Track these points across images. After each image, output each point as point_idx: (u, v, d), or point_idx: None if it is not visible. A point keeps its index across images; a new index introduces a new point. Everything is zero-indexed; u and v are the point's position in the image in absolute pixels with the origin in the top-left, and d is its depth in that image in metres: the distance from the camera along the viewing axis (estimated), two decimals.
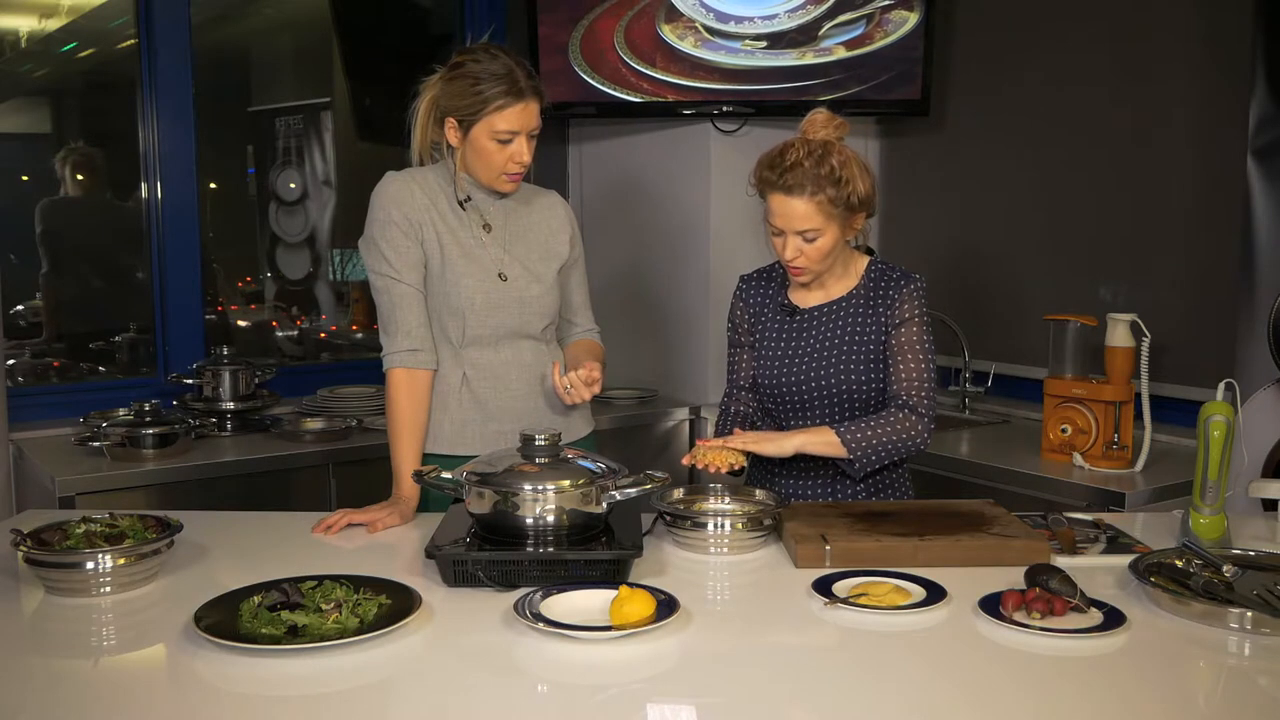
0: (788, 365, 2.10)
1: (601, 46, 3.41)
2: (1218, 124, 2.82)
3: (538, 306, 2.18)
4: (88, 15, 3.54)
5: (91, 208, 3.55)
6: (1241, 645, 1.47)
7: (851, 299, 2.10)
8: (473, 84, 2.04)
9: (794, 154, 1.97)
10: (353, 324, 4.02)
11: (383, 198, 2.13)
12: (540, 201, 2.27)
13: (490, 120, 2.04)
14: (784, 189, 1.97)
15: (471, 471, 1.76)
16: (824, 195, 1.96)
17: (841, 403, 2.08)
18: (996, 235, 3.39)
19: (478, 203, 2.18)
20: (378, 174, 2.20)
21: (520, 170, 2.10)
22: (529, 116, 2.06)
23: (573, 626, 1.46)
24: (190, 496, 2.72)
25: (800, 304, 2.14)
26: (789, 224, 1.99)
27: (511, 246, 2.18)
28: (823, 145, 1.98)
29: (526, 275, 2.17)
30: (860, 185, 1.99)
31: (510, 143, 2.06)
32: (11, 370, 3.25)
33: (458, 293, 2.12)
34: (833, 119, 2.02)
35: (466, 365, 2.17)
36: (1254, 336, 2.44)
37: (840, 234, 2.02)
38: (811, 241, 2.00)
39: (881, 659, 1.43)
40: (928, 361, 2.05)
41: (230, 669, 1.37)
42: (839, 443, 1.99)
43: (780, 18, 3.32)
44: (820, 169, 1.96)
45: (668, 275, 3.64)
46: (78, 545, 1.65)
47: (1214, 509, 1.85)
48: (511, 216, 2.21)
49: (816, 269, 2.05)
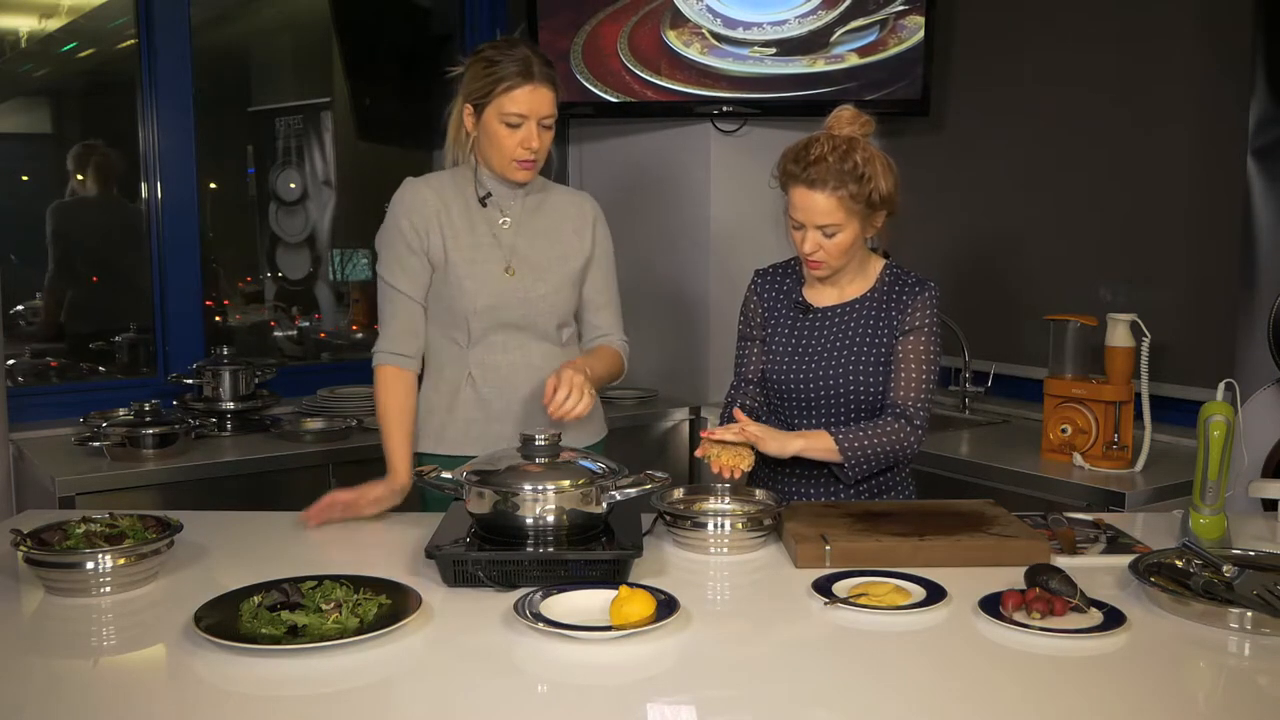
0: (798, 363, 2.10)
1: (605, 53, 3.35)
2: (1218, 124, 2.82)
3: (545, 305, 2.18)
4: (88, 15, 3.54)
5: (100, 208, 3.54)
6: (1241, 645, 1.47)
7: (866, 301, 2.11)
8: (486, 66, 2.07)
9: (819, 148, 1.98)
10: (353, 324, 4.02)
11: (396, 205, 2.17)
12: (566, 200, 2.27)
13: (500, 102, 2.06)
14: (807, 182, 1.98)
15: (471, 471, 1.76)
16: (846, 191, 1.97)
17: (849, 403, 2.08)
18: (997, 235, 3.39)
19: (498, 199, 2.19)
20: (378, 174, 2.22)
21: (530, 157, 2.10)
22: (539, 100, 2.06)
23: (573, 626, 1.46)
24: (190, 496, 2.72)
25: (815, 302, 2.14)
26: (810, 218, 2.00)
27: (525, 244, 2.18)
28: (847, 141, 1.99)
29: (534, 274, 2.17)
30: (883, 183, 2.00)
31: (519, 127, 2.07)
32: (11, 370, 3.25)
33: (462, 294, 2.13)
34: (859, 116, 2.04)
35: (473, 365, 2.17)
36: (1254, 336, 2.44)
37: (860, 231, 2.03)
38: (831, 237, 2.01)
39: (881, 659, 1.43)
40: (929, 372, 2.06)
41: (230, 669, 1.37)
42: (835, 448, 2.00)
43: (790, 23, 3.25)
44: (844, 164, 1.97)
45: (668, 275, 3.64)
46: (78, 545, 1.65)
47: (1214, 509, 1.85)
48: (531, 214, 2.21)
49: (835, 264, 2.05)
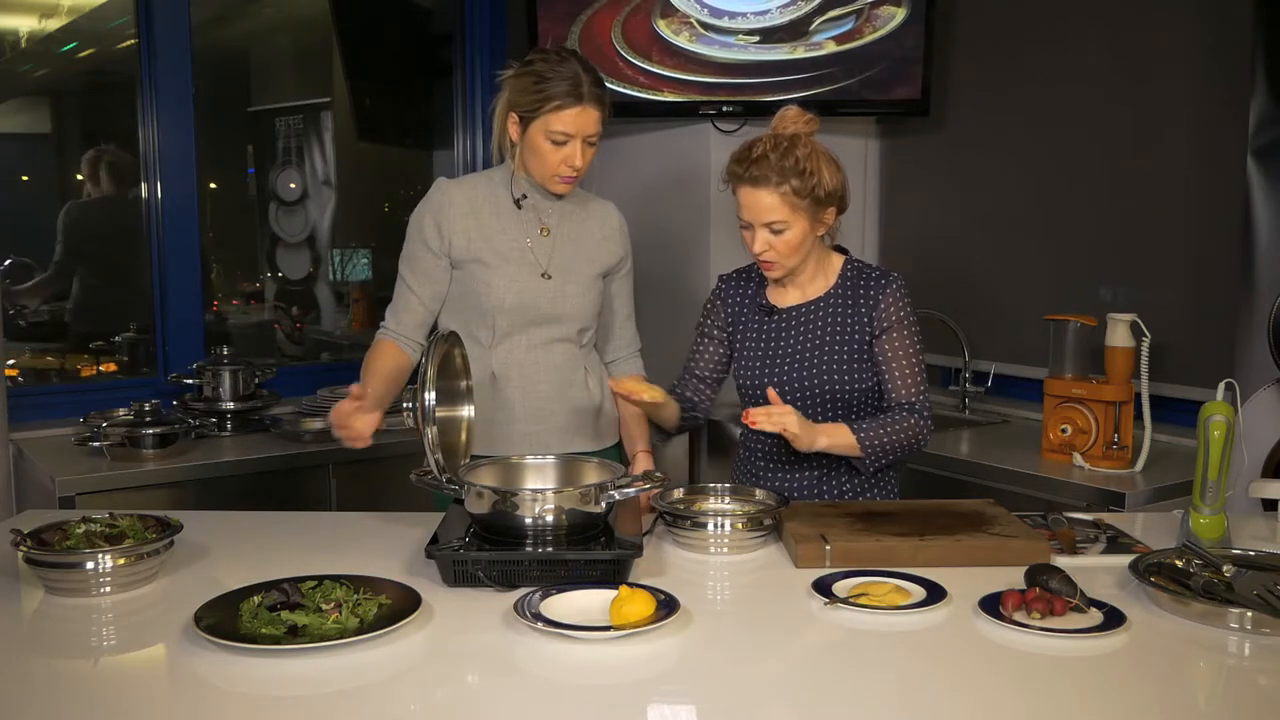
0: (768, 366, 2.11)
1: (599, 42, 3.44)
2: (1218, 124, 2.82)
3: (572, 306, 2.19)
4: (88, 15, 3.55)
5: (112, 209, 3.54)
6: (1241, 645, 1.47)
7: (830, 299, 2.11)
8: (535, 81, 2.07)
9: (760, 147, 1.99)
10: (353, 324, 4.02)
11: (424, 205, 2.19)
12: (595, 207, 2.29)
13: (547, 119, 2.06)
14: (750, 181, 1.99)
15: (471, 471, 1.76)
16: (789, 186, 1.97)
17: (823, 402, 2.08)
18: (997, 235, 3.39)
19: (534, 202, 2.20)
20: (378, 174, 2.23)
21: (573, 174, 2.12)
22: (586, 121, 2.07)
23: (573, 626, 1.46)
24: (190, 496, 2.72)
25: (778, 303, 2.14)
26: (756, 216, 2.00)
27: (560, 248, 2.20)
28: (789, 139, 2.00)
29: (564, 276, 2.19)
30: (826, 178, 1.99)
31: (565, 145, 2.08)
32: (11, 370, 3.25)
33: (489, 293, 2.14)
34: (803, 114, 2.04)
35: (495, 364, 2.18)
36: (1254, 336, 2.44)
37: (809, 228, 2.02)
38: (779, 234, 2.01)
39: (881, 659, 1.43)
40: (918, 362, 2.08)
41: (230, 669, 1.37)
42: (855, 444, 2.01)
43: (772, 13, 3.36)
44: (785, 161, 1.97)
45: (667, 275, 3.64)
46: (78, 545, 1.65)
47: (1214, 509, 1.85)
48: (565, 219, 2.22)
49: (787, 263, 2.05)
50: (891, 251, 3.74)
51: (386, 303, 2.23)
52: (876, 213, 3.76)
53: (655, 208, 3.66)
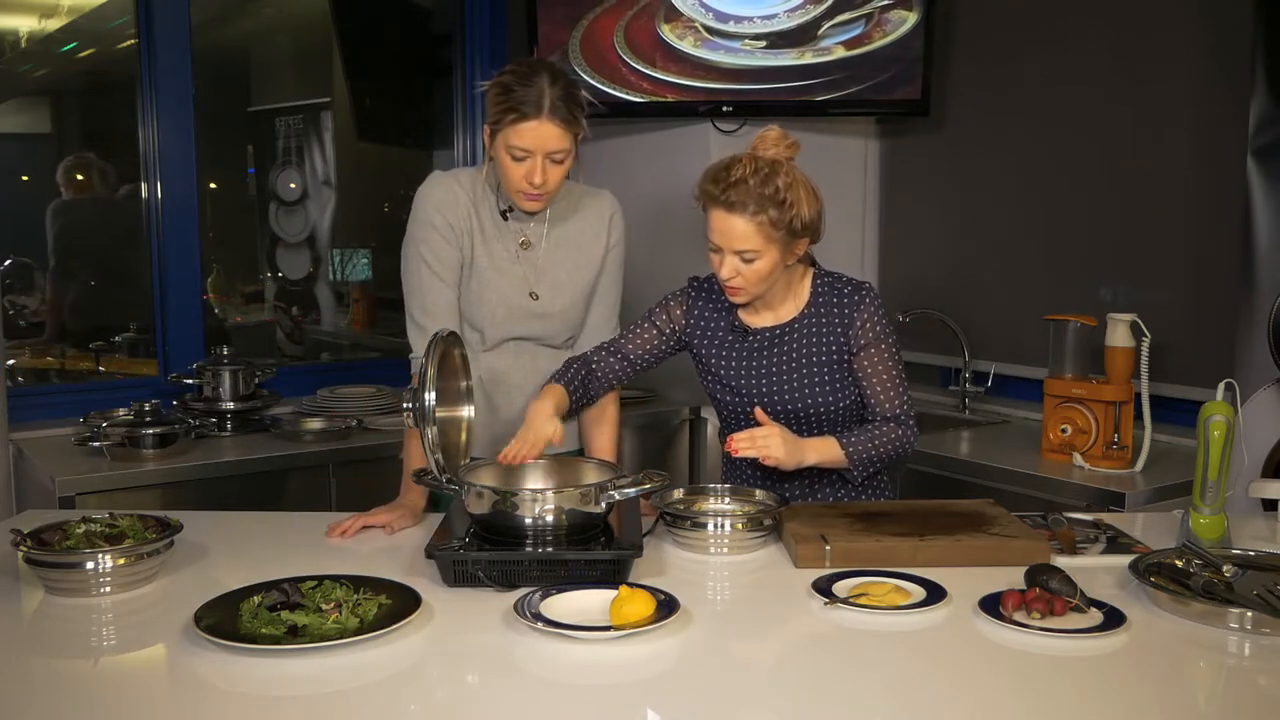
0: (745, 386, 2.07)
1: (601, 46, 3.41)
2: (1218, 124, 2.82)
3: (561, 322, 2.19)
4: (88, 15, 3.55)
5: (98, 208, 3.54)
6: (1241, 645, 1.47)
7: (803, 320, 2.05)
8: (500, 93, 1.99)
9: (740, 170, 1.90)
10: (353, 324, 4.02)
11: (427, 201, 2.11)
12: (585, 207, 2.21)
13: (506, 133, 1.98)
14: (725, 205, 1.91)
15: (471, 472, 1.76)
16: (766, 216, 1.89)
17: (807, 420, 2.05)
18: (997, 235, 3.39)
19: (519, 215, 2.14)
20: (378, 174, 2.20)
21: (536, 192, 2.02)
22: (544, 136, 1.96)
23: (573, 626, 1.46)
24: (190, 496, 2.72)
25: (752, 324, 2.08)
26: (728, 242, 1.93)
27: (546, 262, 2.16)
28: (770, 164, 1.91)
29: (553, 291, 2.16)
30: (805, 210, 1.91)
31: (524, 160, 1.99)
32: (11, 370, 3.25)
33: (482, 304, 2.13)
34: (785, 138, 1.95)
35: (482, 369, 2.18)
36: (1254, 336, 2.44)
37: (780, 259, 1.95)
38: (749, 263, 1.93)
39: (881, 659, 1.43)
40: (900, 373, 2.04)
41: (230, 669, 1.37)
42: (844, 457, 1.99)
43: (780, 17, 3.32)
44: (765, 188, 1.88)
45: (667, 276, 3.63)
46: (78, 545, 1.65)
47: (1214, 509, 1.85)
48: (552, 230, 2.17)
49: (753, 291, 1.99)
50: (891, 252, 3.74)
51: (386, 303, 2.21)
52: (876, 213, 3.76)
53: (654, 208, 3.66)
